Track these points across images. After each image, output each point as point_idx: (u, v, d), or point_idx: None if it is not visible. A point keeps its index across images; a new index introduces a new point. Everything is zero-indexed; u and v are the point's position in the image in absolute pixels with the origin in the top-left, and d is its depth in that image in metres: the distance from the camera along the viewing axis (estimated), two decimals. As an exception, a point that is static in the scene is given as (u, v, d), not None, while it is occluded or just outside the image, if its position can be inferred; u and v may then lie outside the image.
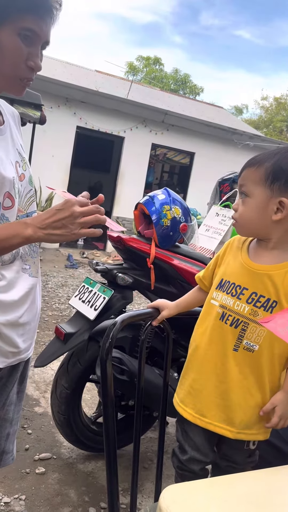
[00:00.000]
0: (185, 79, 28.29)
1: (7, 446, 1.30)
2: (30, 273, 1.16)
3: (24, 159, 1.17)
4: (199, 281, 1.39)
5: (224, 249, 1.34)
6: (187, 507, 0.71)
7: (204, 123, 9.77)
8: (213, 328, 1.25)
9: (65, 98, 8.39)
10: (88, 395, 2.81)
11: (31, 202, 1.18)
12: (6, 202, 1.06)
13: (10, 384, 1.24)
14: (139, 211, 2.22)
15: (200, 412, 1.25)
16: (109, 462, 1.05)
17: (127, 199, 9.18)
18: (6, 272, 1.09)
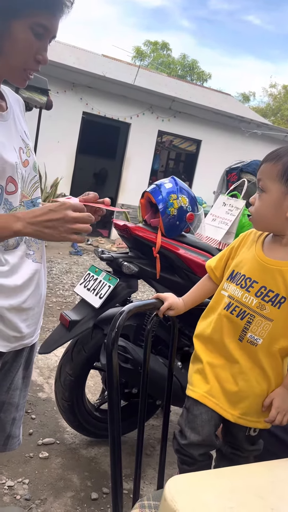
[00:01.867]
0: (192, 65, 27.93)
1: (13, 431, 1.32)
2: (34, 259, 1.17)
3: (28, 145, 1.18)
4: (210, 271, 1.39)
5: (239, 241, 1.33)
6: (192, 498, 0.71)
7: (211, 110, 9.66)
8: (219, 318, 1.26)
9: (71, 83, 8.30)
10: (91, 381, 2.84)
11: (35, 188, 1.19)
12: (10, 187, 1.07)
13: (15, 369, 1.25)
14: (146, 200, 2.21)
15: (210, 393, 1.27)
16: (113, 449, 1.06)
17: (133, 186, 9.14)
18: (10, 257, 1.09)
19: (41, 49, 1.05)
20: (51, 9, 1.02)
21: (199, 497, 0.72)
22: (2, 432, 1.30)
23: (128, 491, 1.97)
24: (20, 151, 1.12)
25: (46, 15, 1.02)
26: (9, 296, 1.09)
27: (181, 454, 1.35)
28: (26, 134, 1.20)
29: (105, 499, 1.92)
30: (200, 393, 1.28)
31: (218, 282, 1.36)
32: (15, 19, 1.00)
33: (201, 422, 1.28)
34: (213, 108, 9.78)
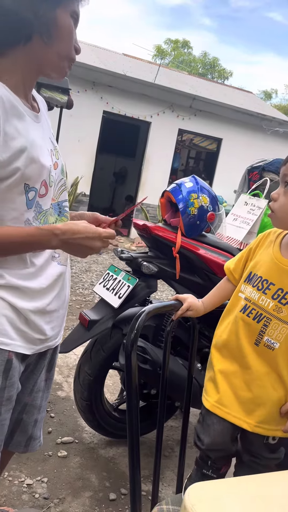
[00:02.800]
0: (213, 63, 27.71)
1: (34, 432, 1.32)
2: (59, 261, 1.17)
3: (56, 147, 1.18)
4: (228, 273, 1.36)
5: (257, 242, 1.30)
6: (213, 506, 0.69)
7: (232, 108, 9.56)
8: (235, 320, 1.23)
9: (92, 82, 8.33)
10: (110, 381, 2.83)
11: (62, 191, 1.18)
12: (42, 190, 1.07)
13: (38, 371, 1.26)
14: (166, 199, 2.19)
15: (221, 402, 1.24)
16: (132, 452, 1.05)
17: (152, 185, 9.12)
18: (36, 259, 1.10)
19: (76, 38, 1.07)
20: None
21: (219, 506, 0.70)
22: (24, 434, 1.30)
23: (146, 493, 1.96)
24: (51, 153, 1.12)
25: (77, 3, 1.05)
26: (33, 298, 1.09)
27: (199, 450, 1.35)
28: (53, 136, 1.20)
29: (123, 500, 1.92)
30: (211, 403, 1.26)
31: (237, 284, 1.33)
32: (59, 6, 1.01)
33: (214, 432, 1.27)
34: (234, 106, 9.68)
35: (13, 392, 1.12)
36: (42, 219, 1.09)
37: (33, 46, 1.02)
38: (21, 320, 1.09)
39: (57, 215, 1.16)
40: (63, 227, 1.03)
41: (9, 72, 1.02)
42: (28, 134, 1.02)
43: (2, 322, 1.05)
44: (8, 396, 1.11)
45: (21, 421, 1.27)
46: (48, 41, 1.02)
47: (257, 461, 1.30)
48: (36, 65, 1.05)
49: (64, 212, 1.19)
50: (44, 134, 1.12)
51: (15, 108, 0.99)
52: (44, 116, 1.15)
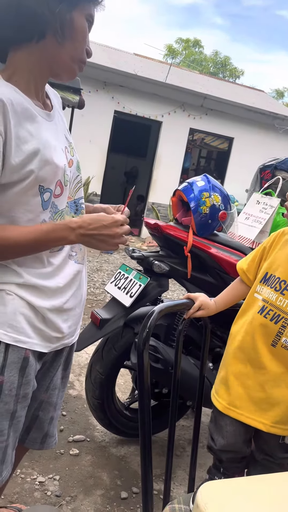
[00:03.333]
0: (225, 62, 27.56)
1: (50, 430, 1.33)
2: (76, 260, 1.17)
3: (71, 144, 1.17)
4: (242, 274, 1.35)
5: (271, 241, 1.29)
6: (225, 505, 0.69)
7: (244, 107, 9.51)
8: (251, 322, 1.22)
9: (103, 82, 8.35)
10: (121, 380, 2.84)
11: (78, 189, 1.18)
12: (57, 190, 1.07)
13: (54, 369, 1.26)
14: (177, 198, 2.18)
15: (233, 403, 1.23)
16: (143, 452, 1.05)
17: (163, 185, 9.11)
18: (54, 258, 1.10)
19: (88, 40, 1.08)
20: (96, 0, 1.05)
21: (232, 505, 0.70)
22: (40, 431, 1.30)
23: (157, 492, 1.96)
24: (65, 151, 1.11)
25: (93, 6, 1.06)
26: (51, 297, 1.10)
27: (212, 453, 1.35)
28: (68, 132, 1.19)
29: (135, 498, 1.92)
30: (223, 404, 1.25)
31: (251, 284, 1.32)
32: (76, 8, 1.01)
33: (226, 433, 1.26)
34: (245, 105, 9.63)
35: (29, 390, 1.13)
36: (59, 219, 1.09)
37: (46, 45, 1.01)
38: (39, 318, 1.09)
39: (73, 213, 1.16)
40: (79, 220, 1.03)
41: (20, 71, 1.02)
42: (40, 135, 1.01)
43: (19, 320, 1.06)
44: (24, 393, 1.12)
45: (37, 418, 1.28)
46: (61, 40, 1.01)
47: (270, 460, 1.30)
48: (47, 64, 1.05)
49: (81, 210, 1.19)
50: (58, 131, 1.11)
51: (27, 111, 0.99)
52: (57, 113, 1.15)
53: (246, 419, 1.22)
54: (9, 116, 0.94)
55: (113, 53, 10.97)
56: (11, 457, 1.17)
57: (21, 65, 1.02)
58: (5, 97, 0.93)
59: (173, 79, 9.48)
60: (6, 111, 0.93)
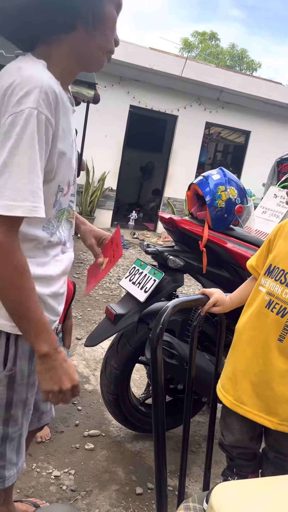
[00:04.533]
0: (242, 55, 27.18)
1: (42, 407, 1.37)
2: (68, 250, 1.21)
3: (74, 140, 1.17)
4: (252, 271, 1.32)
5: (274, 233, 1.26)
6: (240, 507, 0.67)
7: (261, 100, 9.36)
8: (257, 316, 1.20)
9: (119, 76, 8.31)
10: (136, 375, 2.83)
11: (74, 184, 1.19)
12: (65, 190, 1.09)
13: None
14: (192, 192, 2.15)
15: (240, 400, 1.21)
16: (157, 449, 1.03)
17: (179, 180, 9.05)
18: (52, 250, 1.12)
19: (116, 29, 1.06)
20: None
21: (247, 506, 0.68)
22: (36, 411, 1.35)
23: (173, 488, 1.95)
24: (74, 145, 1.12)
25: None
26: (50, 284, 1.12)
27: (222, 449, 1.34)
28: None
29: (150, 494, 1.91)
30: (230, 400, 1.23)
31: None
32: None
33: (233, 430, 1.25)
34: (262, 97, 9.48)
35: (35, 378, 1.15)
36: (60, 218, 1.11)
37: (76, 36, 0.99)
38: (41, 305, 1.10)
39: (70, 208, 1.17)
40: (62, 354, 1.01)
41: (54, 63, 1.00)
42: (71, 132, 1.03)
43: None
44: (33, 381, 1.14)
45: (36, 402, 1.31)
46: (92, 32, 0.99)
47: (282, 458, 1.27)
48: (77, 55, 1.03)
49: (72, 204, 1.19)
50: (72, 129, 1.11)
51: (66, 104, 1.00)
52: None
53: (254, 416, 1.20)
54: (59, 108, 0.94)
55: (128, 47, 10.91)
56: (24, 446, 1.19)
57: (53, 56, 1.00)
58: (57, 89, 0.93)
59: (189, 73, 9.38)
60: (58, 103, 0.93)
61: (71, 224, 1.19)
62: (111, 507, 1.79)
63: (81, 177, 7.07)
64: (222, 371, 1.32)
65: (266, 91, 10.93)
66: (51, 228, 1.07)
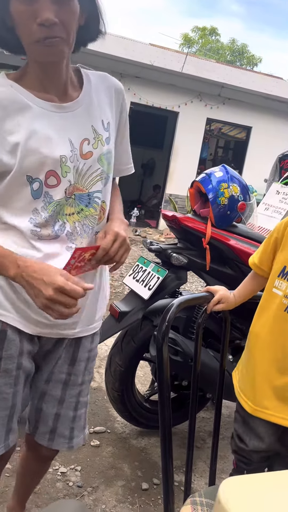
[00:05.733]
0: (242, 50, 27.08)
1: (59, 429, 1.27)
2: None
3: (99, 136, 1.12)
4: (255, 268, 1.31)
5: (281, 232, 1.23)
6: (248, 502, 0.68)
7: (262, 95, 9.35)
8: (275, 320, 1.18)
9: (119, 73, 8.30)
10: (141, 372, 2.85)
11: (95, 182, 1.13)
12: (51, 181, 1.05)
13: (54, 360, 1.22)
14: (195, 189, 2.16)
15: (262, 405, 1.20)
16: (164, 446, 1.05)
17: (180, 176, 9.05)
18: (44, 246, 1.08)
19: (38, 10, 0.92)
20: None
21: (255, 501, 0.69)
22: (45, 426, 1.27)
23: (178, 483, 1.96)
24: (83, 142, 1.09)
25: None
26: None
27: (239, 455, 1.32)
28: (104, 124, 1.14)
29: (156, 490, 1.93)
30: (252, 406, 1.21)
31: (267, 275, 1.29)
32: (10, 0, 0.94)
33: (260, 434, 1.23)
34: (263, 93, 9.46)
35: (11, 366, 1.12)
36: (51, 209, 1.06)
37: None
38: (20, 298, 1.09)
39: (84, 206, 1.12)
40: (28, 262, 0.99)
41: (28, 70, 1.07)
42: (30, 126, 1.02)
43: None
44: (5, 368, 1.11)
45: (41, 411, 1.26)
46: (15, 33, 1.00)
47: None
48: (30, 57, 1.04)
49: (94, 203, 1.13)
50: (76, 122, 1.09)
51: (17, 103, 1.02)
52: (88, 103, 1.11)
53: (276, 419, 1.18)
54: None
55: (128, 44, 10.88)
56: (3, 436, 1.15)
57: (29, 65, 1.07)
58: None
59: (190, 69, 9.36)
60: None
61: (92, 222, 1.14)
62: (117, 503, 1.81)
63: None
64: (239, 375, 1.30)
65: (267, 86, 10.89)
66: (39, 219, 1.06)
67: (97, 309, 1.26)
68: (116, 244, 1.10)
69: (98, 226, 1.17)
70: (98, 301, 1.26)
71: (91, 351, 1.30)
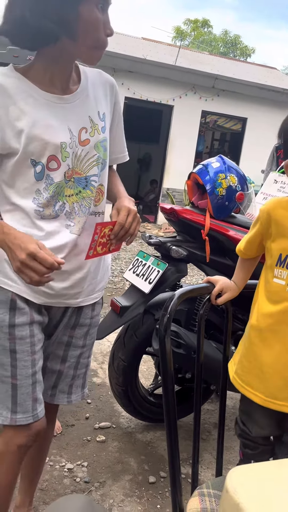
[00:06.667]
0: (235, 41, 26.97)
1: (60, 385, 1.38)
2: (72, 230, 1.22)
3: (96, 125, 1.23)
4: (242, 255, 1.32)
5: (266, 221, 1.20)
6: (256, 490, 0.68)
7: (256, 86, 9.32)
8: (283, 311, 1.15)
9: (112, 68, 8.26)
10: (144, 366, 2.85)
11: (92, 166, 1.23)
12: (52, 164, 1.15)
13: (59, 325, 1.32)
14: (192, 181, 2.15)
15: (273, 395, 1.19)
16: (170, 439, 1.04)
17: (177, 170, 9.03)
18: (45, 224, 1.18)
19: (107, 22, 1.11)
20: None
21: (263, 489, 0.69)
22: (48, 381, 1.36)
23: (185, 475, 1.97)
24: (81, 131, 1.19)
25: None
26: None
27: (244, 439, 1.33)
28: (100, 114, 1.25)
29: (163, 483, 1.93)
30: (261, 397, 1.20)
31: (255, 255, 1.31)
32: (81, 3, 1.05)
33: (265, 423, 1.24)
34: (258, 83, 9.43)
35: (25, 333, 1.19)
36: (52, 190, 1.16)
37: (63, 44, 1.10)
38: None
39: (81, 188, 1.22)
40: (10, 230, 1.07)
41: (37, 66, 1.16)
42: (34, 114, 1.11)
43: (5, 266, 1.18)
44: (21, 335, 1.19)
45: (45, 368, 1.35)
46: (75, 37, 1.09)
47: None
48: (69, 57, 1.15)
49: (90, 186, 1.24)
50: (75, 113, 1.19)
51: (23, 93, 1.12)
52: (86, 95, 1.22)
53: None
54: (6, 95, 1.09)
55: (120, 38, 10.82)
56: (31, 404, 1.21)
57: (40, 61, 1.16)
58: (3, 81, 1.10)
59: (183, 62, 9.32)
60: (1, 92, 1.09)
61: (88, 203, 1.23)
62: (125, 497, 1.81)
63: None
64: (240, 367, 1.28)
65: (261, 76, 10.86)
66: (41, 199, 1.16)
67: (98, 280, 1.35)
68: (130, 218, 1.23)
69: (95, 208, 1.27)
70: (99, 272, 1.35)
71: (93, 318, 1.40)
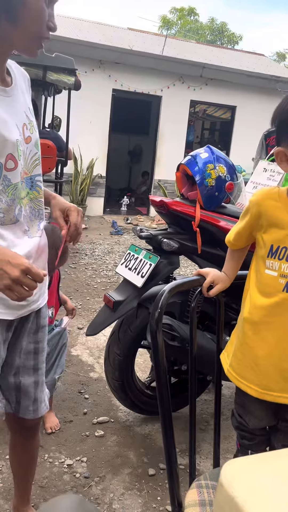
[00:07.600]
0: (222, 28, 26.75)
1: (39, 395, 1.37)
2: (30, 235, 1.19)
3: (31, 122, 1.18)
4: (232, 246, 1.31)
5: (255, 211, 1.19)
6: (251, 483, 0.67)
7: (244, 74, 9.26)
8: (277, 302, 1.15)
9: (98, 60, 8.17)
10: (140, 359, 2.85)
11: (35, 165, 1.20)
12: (9, 164, 1.08)
13: (23, 334, 1.30)
14: (182, 173, 2.14)
15: (268, 387, 1.19)
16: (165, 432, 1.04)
17: (168, 161, 8.97)
18: (6, 232, 1.11)
19: (51, 15, 1.07)
20: None
21: (258, 482, 0.68)
22: (28, 397, 1.34)
23: (184, 466, 1.98)
24: (23, 127, 1.13)
25: None
26: None
27: (241, 431, 1.33)
28: (30, 110, 1.20)
29: (162, 475, 1.94)
30: (257, 390, 1.20)
31: (245, 246, 1.30)
32: None
33: (262, 414, 1.24)
34: (246, 70, 9.37)
35: None
36: (10, 192, 1.09)
37: (2, 29, 1.03)
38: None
39: (28, 189, 1.18)
40: None
41: None
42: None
43: None
44: None
45: (20, 385, 1.32)
46: (14, 22, 1.02)
47: None
48: (7, 45, 1.07)
49: (36, 187, 1.20)
50: (16, 107, 1.12)
51: None
52: (18, 90, 1.15)
53: (284, 399, 1.18)
54: None
55: (106, 29, 10.70)
56: None
57: None
58: None
59: (170, 51, 9.23)
60: None
61: (37, 205, 1.21)
62: (125, 490, 1.82)
63: (69, 166, 6.98)
64: (233, 359, 1.27)
65: (249, 64, 10.79)
66: (1, 204, 1.08)
67: None
68: (79, 217, 1.22)
69: (41, 209, 1.24)
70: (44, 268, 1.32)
71: (46, 317, 1.39)
